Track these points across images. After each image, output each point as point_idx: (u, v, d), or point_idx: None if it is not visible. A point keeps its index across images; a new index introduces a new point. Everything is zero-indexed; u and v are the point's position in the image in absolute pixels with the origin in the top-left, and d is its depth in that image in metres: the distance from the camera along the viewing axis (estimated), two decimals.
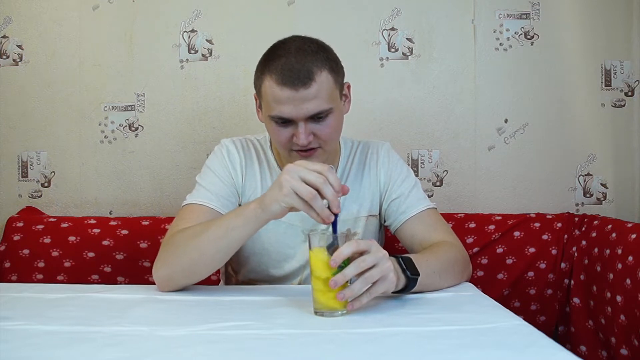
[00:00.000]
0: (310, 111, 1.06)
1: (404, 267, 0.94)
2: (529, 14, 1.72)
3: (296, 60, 1.05)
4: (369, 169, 1.25)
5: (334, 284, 0.84)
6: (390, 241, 1.43)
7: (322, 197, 0.89)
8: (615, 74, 1.73)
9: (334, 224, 0.91)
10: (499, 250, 1.58)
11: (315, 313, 0.89)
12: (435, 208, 1.23)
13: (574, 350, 1.49)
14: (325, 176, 0.89)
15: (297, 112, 1.05)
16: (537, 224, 1.59)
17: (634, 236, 1.32)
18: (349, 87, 1.18)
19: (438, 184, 1.74)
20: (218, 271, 1.56)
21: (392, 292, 0.93)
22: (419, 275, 0.95)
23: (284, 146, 1.11)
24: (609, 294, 1.36)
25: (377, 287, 0.87)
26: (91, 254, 1.54)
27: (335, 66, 1.11)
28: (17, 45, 1.72)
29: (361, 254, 0.87)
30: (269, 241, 1.20)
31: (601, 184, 1.74)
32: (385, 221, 1.27)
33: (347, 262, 0.86)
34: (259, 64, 1.12)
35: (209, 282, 1.58)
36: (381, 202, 1.25)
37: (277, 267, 1.22)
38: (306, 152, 1.10)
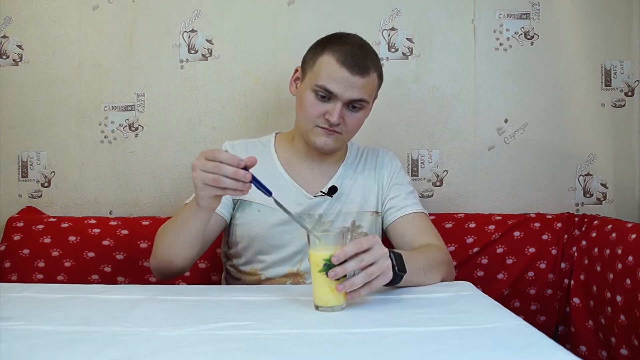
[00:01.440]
0: (354, 96, 1.18)
1: (394, 262, 0.97)
2: (529, 14, 1.72)
3: (360, 52, 1.19)
4: (375, 168, 1.36)
5: (334, 274, 0.88)
6: (387, 242, 1.43)
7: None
8: (615, 74, 1.73)
9: (263, 187, 0.97)
10: (499, 250, 1.58)
11: (316, 308, 0.92)
12: (427, 215, 1.32)
13: (574, 350, 1.49)
14: (220, 160, 0.94)
15: (343, 92, 1.17)
16: (537, 224, 1.59)
17: (634, 236, 1.32)
18: (376, 98, 1.28)
19: (438, 184, 1.74)
20: (218, 271, 1.56)
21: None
22: (405, 272, 0.98)
23: (312, 120, 1.21)
24: (609, 294, 1.36)
25: (377, 281, 0.92)
26: (91, 254, 1.54)
27: (381, 74, 1.26)
28: (17, 45, 1.72)
29: (364, 251, 0.91)
30: (265, 226, 1.25)
31: (601, 184, 1.74)
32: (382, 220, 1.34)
33: (329, 259, 0.90)
34: (318, 44, 1.24)
35: (209, 282, 1.58)
36: (383, 200, 1.33)
37: (270, 253, 1.26)
38: (329, 131, 1.21)
